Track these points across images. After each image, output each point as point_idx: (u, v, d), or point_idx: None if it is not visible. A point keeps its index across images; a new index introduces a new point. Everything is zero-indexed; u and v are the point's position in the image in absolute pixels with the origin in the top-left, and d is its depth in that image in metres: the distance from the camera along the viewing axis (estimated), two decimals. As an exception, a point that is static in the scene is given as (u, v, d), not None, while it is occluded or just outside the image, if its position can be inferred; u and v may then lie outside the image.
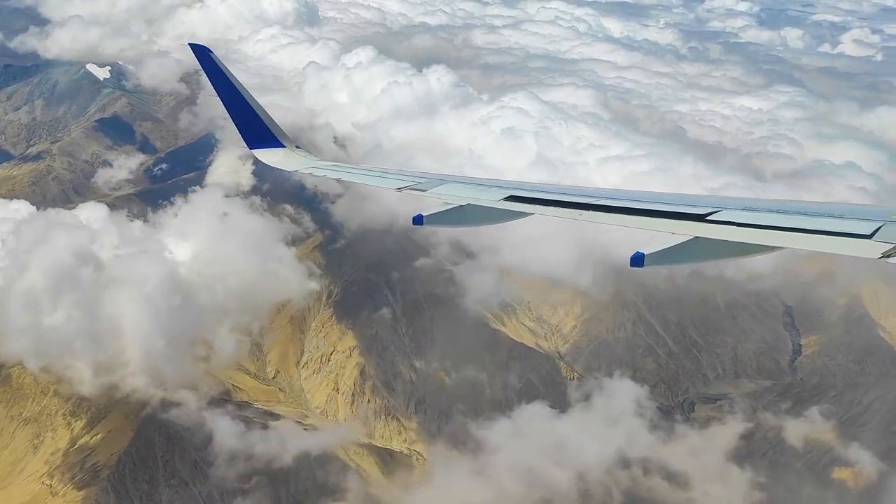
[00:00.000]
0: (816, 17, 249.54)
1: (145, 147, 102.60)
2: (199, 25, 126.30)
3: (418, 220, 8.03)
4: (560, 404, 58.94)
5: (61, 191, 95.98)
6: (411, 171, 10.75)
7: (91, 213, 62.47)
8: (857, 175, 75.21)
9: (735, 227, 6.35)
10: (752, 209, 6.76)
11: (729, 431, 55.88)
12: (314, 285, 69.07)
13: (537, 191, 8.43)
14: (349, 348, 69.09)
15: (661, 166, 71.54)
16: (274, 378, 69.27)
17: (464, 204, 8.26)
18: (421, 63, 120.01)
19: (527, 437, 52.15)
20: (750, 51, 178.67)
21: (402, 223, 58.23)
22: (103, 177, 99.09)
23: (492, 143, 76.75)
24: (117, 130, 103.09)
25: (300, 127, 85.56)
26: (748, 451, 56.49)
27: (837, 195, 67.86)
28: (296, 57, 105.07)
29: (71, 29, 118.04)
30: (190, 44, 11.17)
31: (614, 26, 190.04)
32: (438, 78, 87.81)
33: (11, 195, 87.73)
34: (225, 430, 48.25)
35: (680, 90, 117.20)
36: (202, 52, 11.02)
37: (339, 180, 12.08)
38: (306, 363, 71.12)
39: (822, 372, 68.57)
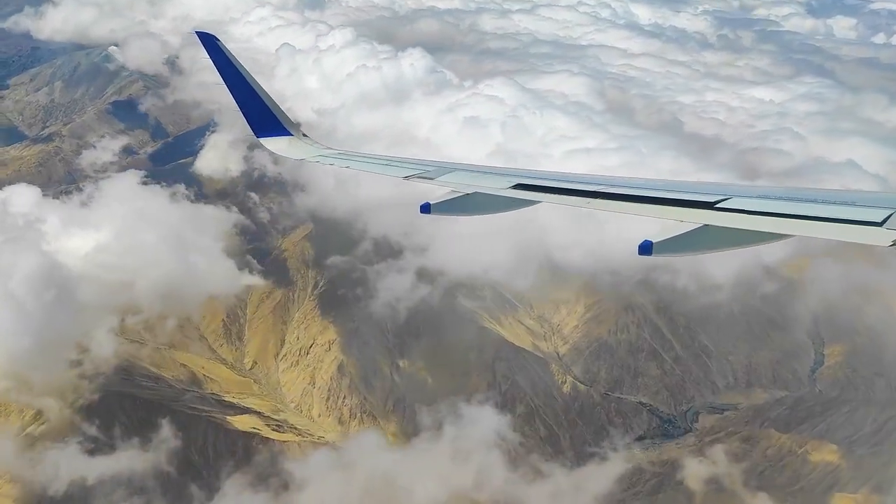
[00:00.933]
0: (875, 5, 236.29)
1: (157, 131, 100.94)
2: (198, 7, 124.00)
3: (426, 208, 8.08)
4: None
5: (67, 172, 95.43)
6: (419, 160, 10.69)
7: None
8: (856, 174, 67.40)
9: (745, 215, 6.24)
10: (762, 196, 6.69)
11: (609, 470, 49.69)
12: (253, 280, 65.57)
13: (545, 179, 8.46)
14: (329, 342, 66.24)
15: (632, 161, 65.22)
16: (251, 369, 66.96)
17: (471, 192, 8.31)
18: (418, 47, 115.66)
19: (352, 469, 46.36)
20: (786, 40, 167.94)
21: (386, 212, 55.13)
22: (88, 158, 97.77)
23: (454, 133, 71.58)
24: (130, 114, 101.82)
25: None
26: (629, 494, 49.96)
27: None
28: (283, 39, 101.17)
29: (63, 9, 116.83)
30: (196, 31, 11.03)
31: (643, 13, 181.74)
32: (412, 63, 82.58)
33: (17, 176, 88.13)
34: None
35: (692, 80, 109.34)
36: (209, 40, 10.84)
37: (347, 168, 11.43)
38: (285, 355, 68.58)
39: (843, 384, 62.18)
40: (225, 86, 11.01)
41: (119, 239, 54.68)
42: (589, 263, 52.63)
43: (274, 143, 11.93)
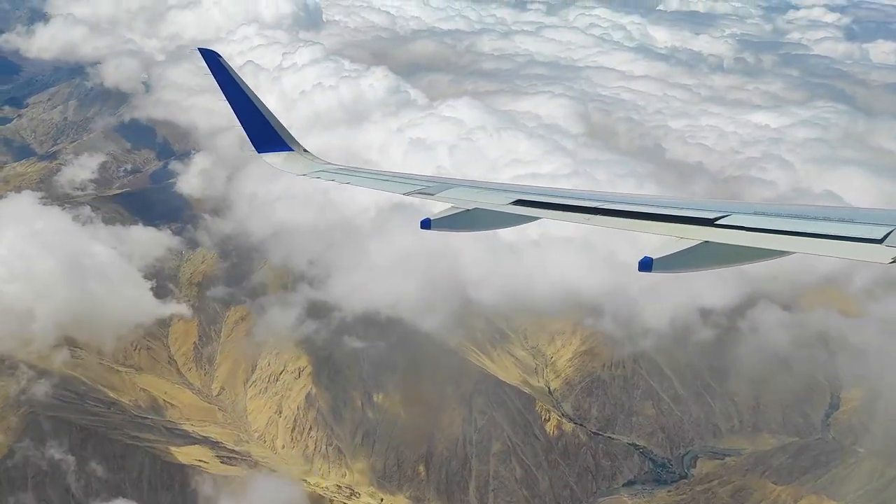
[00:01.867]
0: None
1: (164, 150, 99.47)
2: (190, 26, 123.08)
3: (426, 224, 8.16)
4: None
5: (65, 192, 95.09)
6: (419, 176, 10.82)
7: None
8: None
9: (745, 232, 6.28)
10: (763, 213, 6.73)
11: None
12: (177, 308, 61.61)
13: (545, 195, 8.49)
14: (299, 369, 62.67)
15: (582, 188, 59.47)
16: (218, 395, 63.77)
17: (471, 208, 8.38)
18: (407, 68, 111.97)
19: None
20: (810, 63, 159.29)
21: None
22: (67, 175, 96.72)
23: (400, 154, 66.97)
24: (138, 133, 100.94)
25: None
26: None
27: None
28: (264, 59, 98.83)
29: (53, 27, 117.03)
30: (199, 48, 11.26)
31: (661, 35, 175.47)
32: (371, 83, 78.37)
33: (16, 192, 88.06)
34: None
35: (690, 104, 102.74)
36: (211, 56, 11.03)
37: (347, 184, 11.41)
38: (255, 381, 65.29)
39: (857, 432, 55.53)
40: (226, 101, 11.00)
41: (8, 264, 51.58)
42: (505, 300, 47.17)
43: (274, 159, 11.94)
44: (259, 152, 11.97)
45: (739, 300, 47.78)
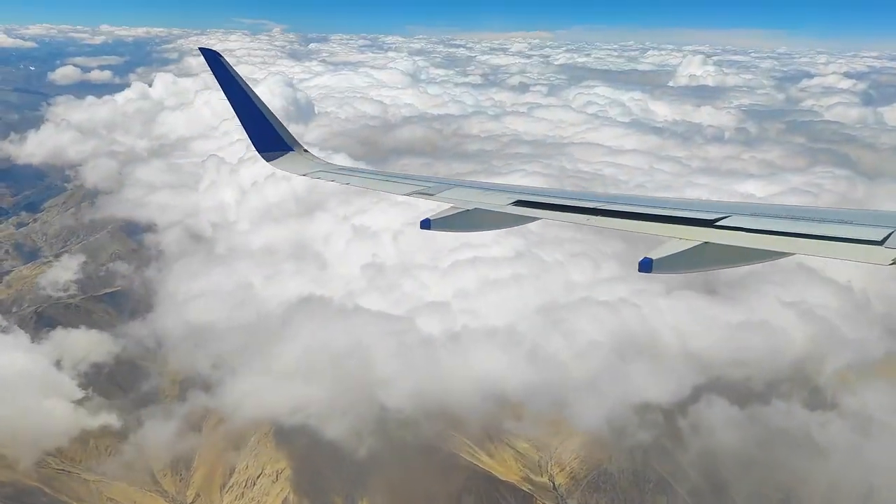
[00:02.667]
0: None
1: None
2: (179, 126, 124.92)
3: (426, 224, 8.21)
4: None
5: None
6: (419, 176, 11.18)
7: None
8: (800, 278, 54.92)
9: (745, 233, 6.32)
10: (762, 215, 6.77)
11: None
12: (101, 420, 57.64)
13: (545, 196, 8.55)
14: (277, 472, 58.23)
15: (521, 274, 55.10)
16: (192, 503, 59.71)
17: (471, 208, 8.38)
18: (386, 154, 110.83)
19: None
20: (817, 129, 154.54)
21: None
22: (49, 277, 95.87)
23: (343, 243, 63.60)
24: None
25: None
26: None
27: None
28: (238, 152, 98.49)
29: (42, 134, 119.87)
30: (200, 48, 11.60)
31: (662, 110, 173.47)
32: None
33: (11, 297, 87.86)
34: None
35: (678, 176, 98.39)
36: (212, 57, 11.16)
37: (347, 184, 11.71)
38: (232, 486, 60.90)
39: None
40: (228, 102, 11.24)
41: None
42: (418, 403, 41.98)
43: (276, 160, 12.30)
44: (260, 153, 12.16)
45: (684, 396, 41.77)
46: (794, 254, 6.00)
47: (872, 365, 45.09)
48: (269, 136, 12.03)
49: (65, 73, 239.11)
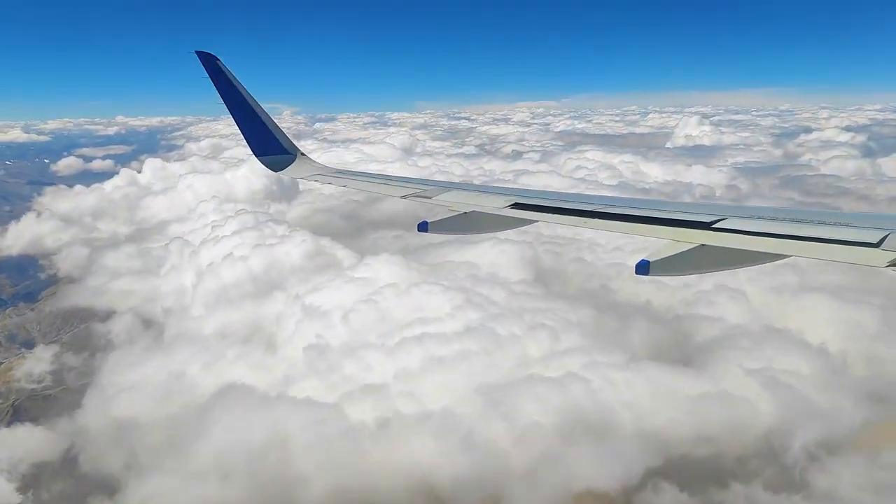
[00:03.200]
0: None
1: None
2: (162, 210, 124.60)
3: (423, 226, 8.48)
4: None
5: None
6: (416, 179, 11.56)
7: None
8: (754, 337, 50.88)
9: (741, 235, 6.41)
10: (759, 217, 6.82)
11: None
12: None
13: (543, 198, 8.62)
14: None
15: (471, 350, 51.56)
16: None
17: (468, 211, 8.61)
18: (361, 228, 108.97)
19: None
20: (810, 183, 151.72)
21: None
22: (23, 369, 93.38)
23: (293, 324, 60.53)
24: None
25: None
26: None
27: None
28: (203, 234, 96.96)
29: (22, 224, 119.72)
30: (197, 51, 11.09)
31: (653, 171, 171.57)
32: (287, 251, 73.84)
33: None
34: None
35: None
36: (209, 60, 11.12)
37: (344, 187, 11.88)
38: None
39: None
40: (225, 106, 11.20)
41: None
42: (337, 501, 37.92)
43: (272, 163, 12.54)
44: (258, 156, 12.18)
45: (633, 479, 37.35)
46: (790, 256, 5.95)
47: (847, 438, 40.58)
48: (266, 141, 11.98)
49: (67, 164, 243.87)
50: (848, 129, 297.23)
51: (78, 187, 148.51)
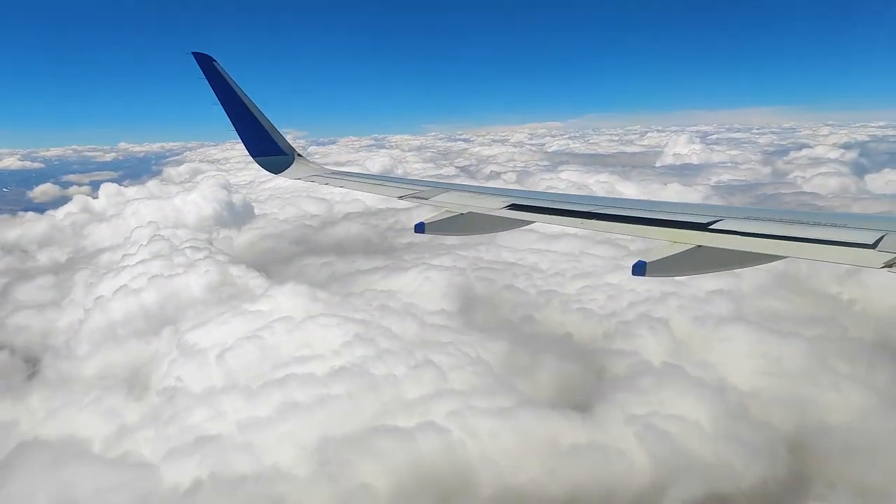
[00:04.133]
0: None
1: None
2: (105, 238, 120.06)
3: (420, 227, 8.52)
4: None
5: None
6: (412, 179, 11.92)
7: None
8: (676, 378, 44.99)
9: (737, 237, 6.45)
10: (755, 218, 6.85)
11: None
12: None
13: (540, 199, 8.65)
14: None
15: (328, 396, 46.02)
16: None
17: (465, 212, 8.60)
18: (300, 254, 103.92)
19: None
20: (785, 201, 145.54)
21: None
22: None
23: (166, 365, 55.25)
24: None
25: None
26: None
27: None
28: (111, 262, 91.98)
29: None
30: (193, 52, 10.99)
31: (628, 190, 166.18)
32: (188, 283, 68.67)
33: None
34: None
35: (611, 259, 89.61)
36: (205, 61, 10.98)
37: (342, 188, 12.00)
38: None
39: None
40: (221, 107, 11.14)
41: None
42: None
43: (270, 164, 12.55)
44: (254, 157, 12.39)
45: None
46: (786, 257, 6.04)
47: (737, 497, 34.83)
48: (263, 141, 12.04)
49: (43, 190, 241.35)
50: (846, 145, 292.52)
51: (30, 214, 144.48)
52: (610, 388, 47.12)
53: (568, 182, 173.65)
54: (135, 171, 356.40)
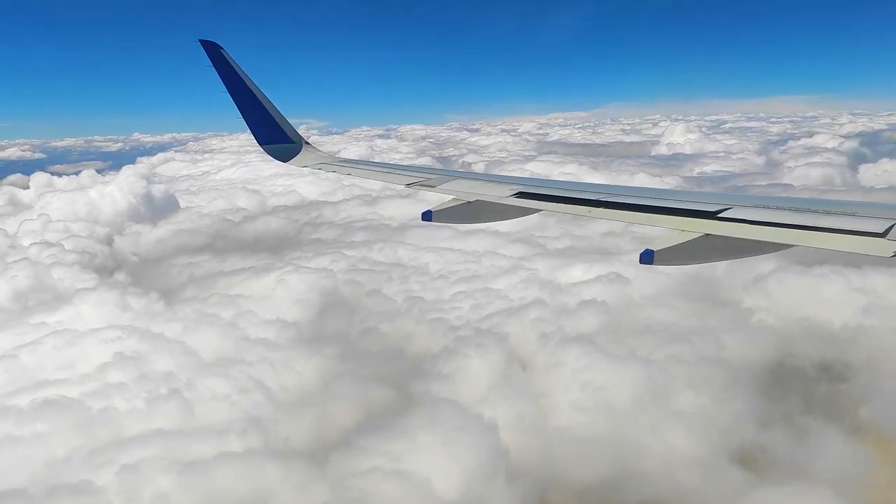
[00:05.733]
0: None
1: None
2: (9, 230, 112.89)
3: (427, 215, 8.11)
4: None
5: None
6: (419, 167, 11.42)
7: None
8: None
9: (746, 225, 6.27)
10: (764, 206, 6.65)
11: None
12: None
13: (547, 187, 8.48)
14: None
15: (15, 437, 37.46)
16: None
17: (473, 200, 8.41)
18: (196, 251, 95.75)
19: None
20: (755, 193, 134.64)
21: None
22: None
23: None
24: None
25: None
26: None
27: None
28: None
29: None
30: (200, 40, 10.73)
31: (596, 180, 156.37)
32: (84, 310, 59.51)
33: None
34: None
35: (520, 260, 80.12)
36: (213, 49, 10.93)
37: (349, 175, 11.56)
38: None
39: None
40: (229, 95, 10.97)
41: None
42: None
43: (277, 151, 12.26)
44: (262, 145, 12.07)
45: None
46: (795, 245, 5.82)
47: None
48: (271, 129, 11.70)
49: (12, 181, 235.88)
50: (855, 135, 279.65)
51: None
52: (374, 427, 38.00)
53: (531, 173, 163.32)
54: (123, 160, 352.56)
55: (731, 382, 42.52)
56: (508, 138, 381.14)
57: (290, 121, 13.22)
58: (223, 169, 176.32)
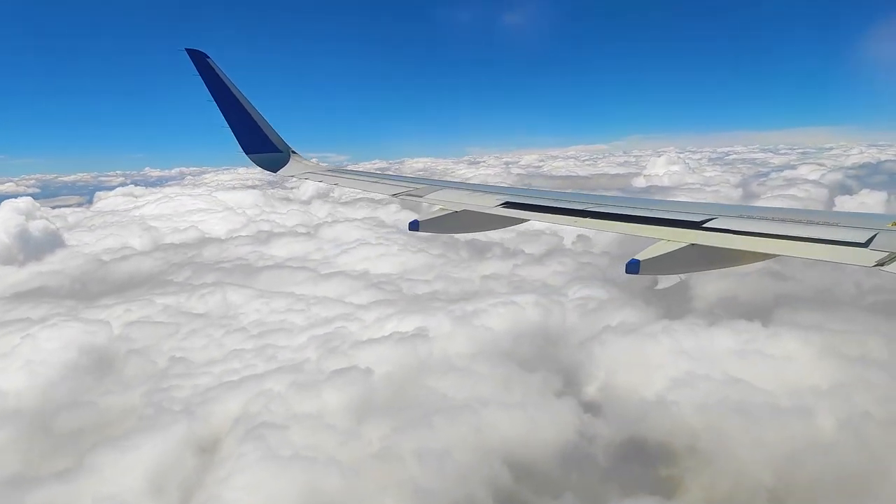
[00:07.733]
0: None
1: None
2: None
3: (414, 225, 8.00)
4: None
5: None
6: (407, 177, 10.86)
7: None
8: None
9: (731, 235, 6.23)
10: (748, 217, 6.65)
11: None
12: None
13: (534, 197, 8.28)
14: None
15: None
16: None
17: (459, 210, 8.13)
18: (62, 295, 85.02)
19: None
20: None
21: None
22: None
23: None
24: None
25: None
26: None
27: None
28: None
29: None
30: (187, 49, 10.61)
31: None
32: None
33: None
34: None
35: (351, 316, 68.11)
36: (199, 57, 10.67)
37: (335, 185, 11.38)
38: None
39: None
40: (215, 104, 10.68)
41: None
42: None
43: (264, 161, 11.86)
44: (248, 154, 11.61)
45: None
46: (779, 255, 5.84)
47: None
48: (257, 138, 11.38)
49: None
50: (864, 165, 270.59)
51: None
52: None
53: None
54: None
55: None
56: (492, 171, 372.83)
57: (311, 155, 12.90)
58: (149, 203, 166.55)
